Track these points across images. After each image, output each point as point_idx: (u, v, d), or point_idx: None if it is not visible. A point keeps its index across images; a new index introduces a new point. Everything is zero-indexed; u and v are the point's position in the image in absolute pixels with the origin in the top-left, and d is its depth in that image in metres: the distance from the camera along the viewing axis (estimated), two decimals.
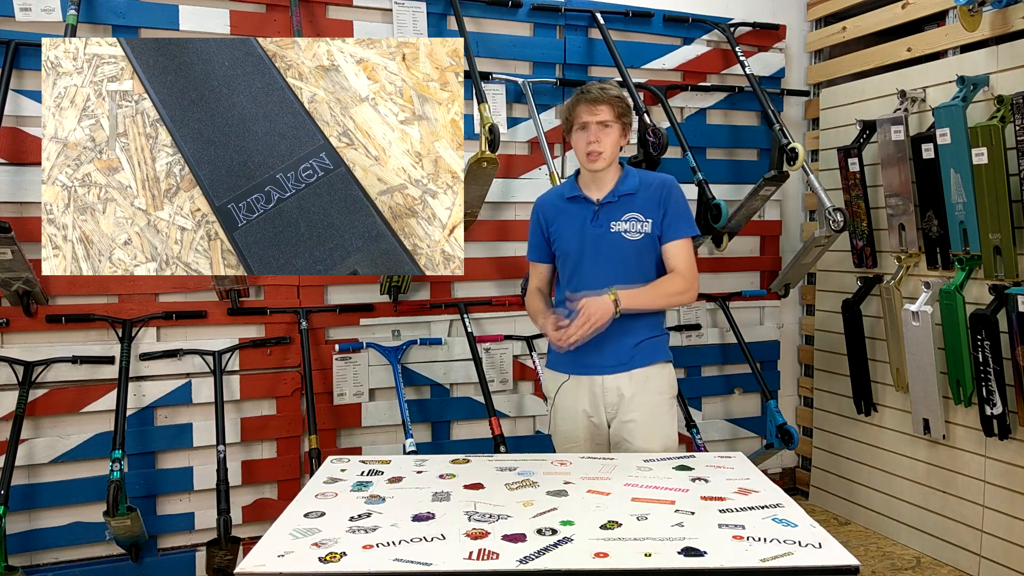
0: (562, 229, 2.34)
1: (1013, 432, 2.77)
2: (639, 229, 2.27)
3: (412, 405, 3.19)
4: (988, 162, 2.65)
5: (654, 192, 2.29)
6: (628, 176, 2.33)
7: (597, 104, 2.22)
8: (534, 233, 2.43)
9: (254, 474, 3.09)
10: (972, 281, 2.89)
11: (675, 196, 2.30)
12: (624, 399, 2.28)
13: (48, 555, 2.85)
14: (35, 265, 2.62)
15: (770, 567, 1.49)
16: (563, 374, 2.36)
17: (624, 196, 2.29)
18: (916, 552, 3.20)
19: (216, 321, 3.01)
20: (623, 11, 3.48)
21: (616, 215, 2.28)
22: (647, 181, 2.32)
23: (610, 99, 2.23)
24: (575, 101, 2.27)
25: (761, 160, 3.79)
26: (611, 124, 2.24)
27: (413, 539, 1.61)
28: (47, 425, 2.83)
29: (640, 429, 2.27)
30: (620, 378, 2.28)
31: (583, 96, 2.25)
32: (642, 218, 2.27)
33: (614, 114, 2.24)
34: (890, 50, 3.35)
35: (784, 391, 3.95)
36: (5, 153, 2.72)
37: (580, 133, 2.26)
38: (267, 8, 3.02)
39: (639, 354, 2.29)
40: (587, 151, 2.24)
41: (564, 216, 2.34)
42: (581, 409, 2.32)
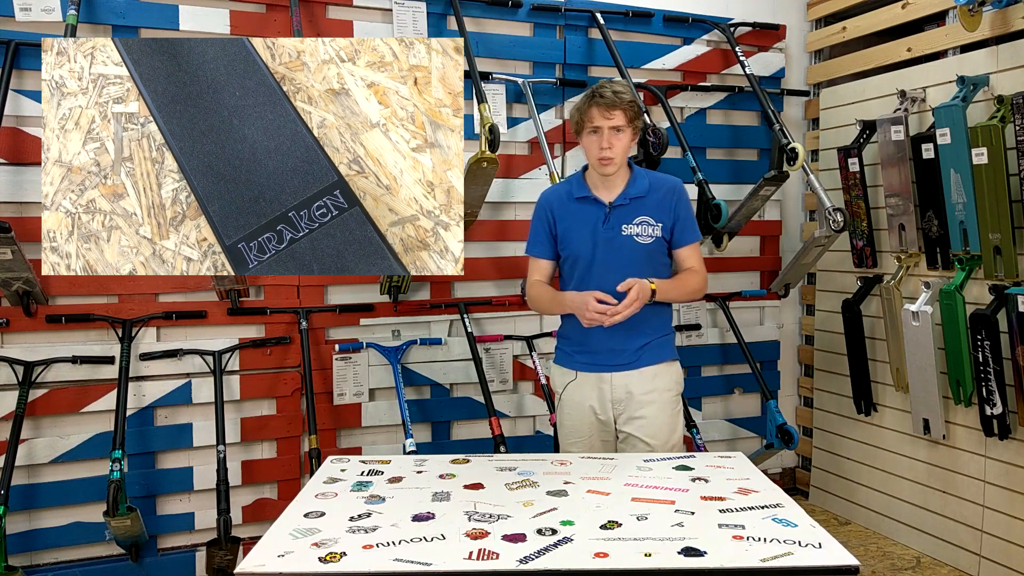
0: (572, 230, 2.32)
1: (1013, 432, 2.77)
2: (650, 233, 2.28)
3: (412, 405, 3.19)
4: (988, 162, 2.65)
5: (664, 196, 2.31)
6: (638, 178, 2.32)
7: (612, 109, 2.19)
8: (539, 229, 2.39)
9: (254, 474, 3.09)
10: (972, 281, 2.89)
11: (685, 201, 2.34)
12: (632, 396, 2.30)
13: (48, 555, 2.85)
14: (35, 265, 2.62)
15: (770, 567, 1.50)
16: (571, 371, 2.37)
17: (635, 199, 2.29)
18: (916, 552, 3.20)
19: (216, 321, 3.01)
20: (623, 11, 3.48)
21: (627, 218, 2.28)
22: (656, 183, 2.33)
23: (624, 105, 2.21)
24: (588, 103, 2.23)
25: (761, 160, 3.79)
26: (624, 129, 2.22)
27: (413, 539, 1.61)
28: (47, 425, 2.83)
29: (648, 426, 2.30)
30: (629, 375, 2.30)
31: (597, 100, 2.21)
32: (653, 221, 2.28)
33: (627, 119, 2.22)
34: (890, 50, 3.35)
35: (784, 391, 3.95)
36: (5, 153, 2.72)
37: (592, 136, 2.24)
38: (267, 8, 3.02)
39: (647, 352, 2.31)
40: (599, 156, 2.22)
41: (573, 216, 2.33)
42: (588, 406, 2.34)
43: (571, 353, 2.38)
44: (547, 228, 2.36)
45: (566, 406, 2.40)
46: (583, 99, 2.26)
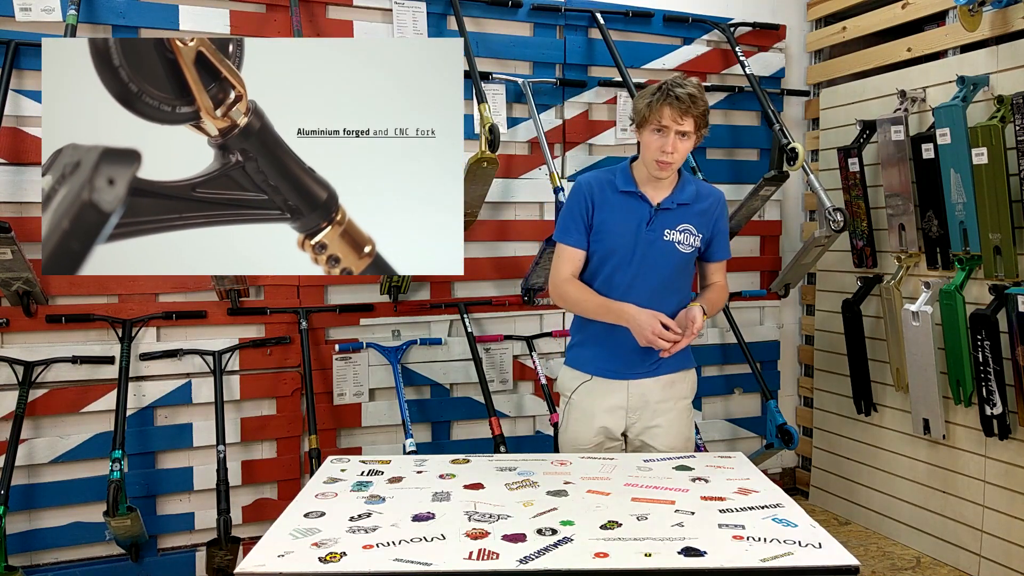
0: (613, 223, 2.20)
1: (1013, 432, 2.77)
2: (691, 242, 2.23)
3: (412, 405, 3.19)
4: (988, 162, 2.65)
5: (709, 207, 2.26)
6: (686, 184, 2.25)
7: (685, 115, 2.07)
8: (575, 214, 2.23)
9: (254, 474, 3.09)
10: (972, 281, 2.89)
11: (725, 215, 2.33)
12: (649, 404, 2.26)
13: (48, 555, 2.85)
14: (35, 265, 2.62)
15: (770, 567, 1.50)
16: (585, 374, 2.30)
17: (682, 205, 2.22)
18: (916, 552, 3.20)
19: (216, 321, 3.01)
20: (623, 11, 3.48)
21: (671, 223, 2.21)
22: (703, 192, 2.28)
23: (699, 113, 2.10)
24: (662, 101, 2.08)
25: (761, 160, 3.79)
26: (690, 136, 2.12)
27: (413, 539, 1.61)
28: (47, 425, 2.83)
29: (663, 435, 2.27)
30: (645, 383, 2.26)
31: (672, 100, 2.06)
32: (695, 231, 2.23)
33: (696, 126, 2.12)
34: (890, 50, 3.35)
35: (784, 391, 3.95)
36: (5, 153, 2.72)
37: (656, 135, 2.11)
38: (267, 8, 3.02)
39: (666, 361, 2.21)
40: (659, 159, 2.12)
41: (615, 209, 2.21)
42: (597, 411, 2.28)
43: (588, 356, 2.30)
44: (584, 215, 2.22)
45: (575, 409, 2.32)
46: (656, 94, 2.09)
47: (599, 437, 2.30)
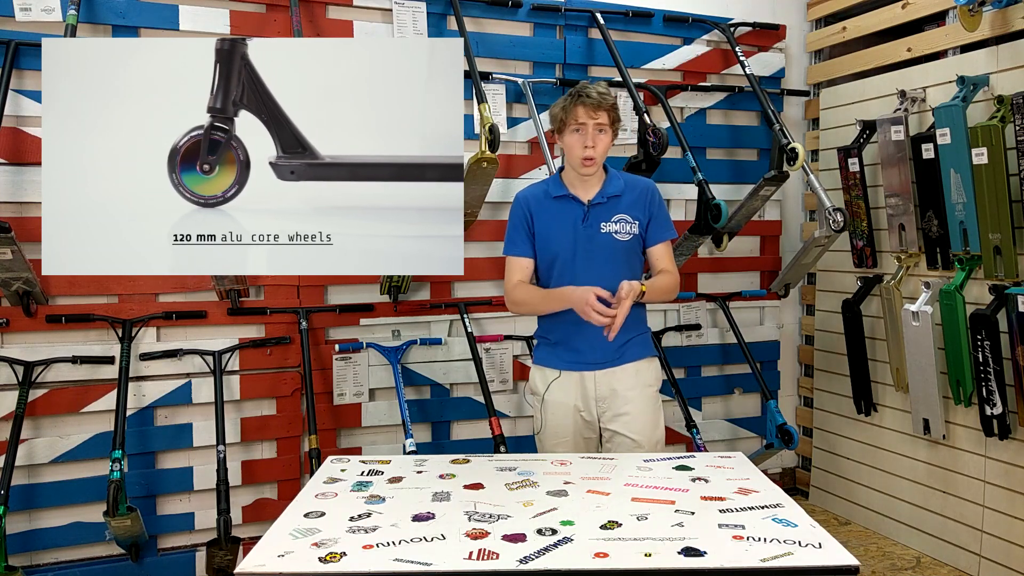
0: (550, 228, 2.35)
1: (1013, 432, 2.77)
2: (628, 230, 2.34)
3: (412, 405, 3.19)
4: (988, 162, 2.65)
5: (640, 195, 2.37)
6: (613, 178, 2.39)
7: (597, 109, 2.25)
8: (518, 228, 2.39)
9: (254, 474, 3.09)
10: (972, 281, 2.89)
11: (659, 200, 2.41)
12: (616, 393, 2.34)
13: (48, 555, 2.85)
14: (35, 265, 2.61)
15: (770, 567, 1.50)
16: (554, 370, 2.39)
17: (612, 197, 2.34)
18: (916, 552, 3.20)
19: (216, 321, 3.01)
20: (623, 11, 3.48)
21: (605, 216, 2.33)
22: (631, 183, 2.39)
23: (609, 107, 2.28)
24: (573, 102, 2.27)
25: (761, 160, 3.79)
26: (606, 130, 2.28)
27: (413, 539, 1.61)
28: (47, 425, 2.83)
29: (634, 422, 2.33)
30: (612, 372, 2.34)
31: (583, 99, 2.25)
32: (630, 219, 2.34)
33: (610, 120, 2.29)
34: (890, 50, 3.35)
35: (784, 391, 3.95)
36: (5, 153, 2.72)
37: (575, 135, 2.28)
38: (267, 8, 3.02)
39: (630, 349, 2.36)
40: (583, 155, 2.26)
41: (551, 215, 2.36)
42: (572, 404, 2.36)
43: (554, 352, 2.40)
44: (526, 227, 2.37)
45: (550, 406, 2.40)
46: (567, 98, 2.29)
47: (577, 429, 2.37)
